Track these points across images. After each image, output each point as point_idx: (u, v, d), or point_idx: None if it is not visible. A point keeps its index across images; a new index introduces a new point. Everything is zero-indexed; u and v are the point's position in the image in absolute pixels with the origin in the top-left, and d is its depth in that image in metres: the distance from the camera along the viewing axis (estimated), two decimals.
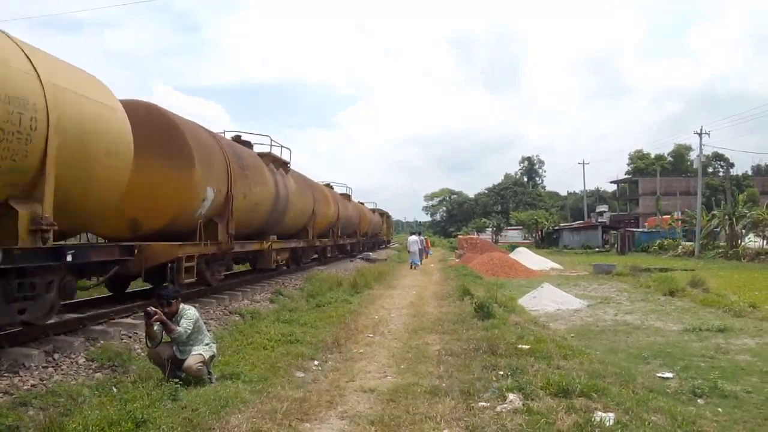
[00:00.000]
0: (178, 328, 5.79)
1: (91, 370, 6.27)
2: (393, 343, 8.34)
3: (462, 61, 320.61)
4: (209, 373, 5.95)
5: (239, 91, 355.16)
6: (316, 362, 7.12)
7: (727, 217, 36.85)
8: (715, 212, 39.21)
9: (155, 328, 5.76)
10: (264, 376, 6.12)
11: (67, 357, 6.48)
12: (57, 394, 5.31)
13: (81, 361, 6.46)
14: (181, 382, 5.46)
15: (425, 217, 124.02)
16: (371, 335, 8.99)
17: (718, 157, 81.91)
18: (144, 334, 6.08)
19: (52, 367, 6.15)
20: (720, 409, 5.77)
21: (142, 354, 6.81)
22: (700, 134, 40.11)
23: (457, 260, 31.86)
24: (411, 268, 25.16)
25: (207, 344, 6.02)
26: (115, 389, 5.62)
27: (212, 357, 6.07)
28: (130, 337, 7.75)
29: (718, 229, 39.62)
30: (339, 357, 7.47)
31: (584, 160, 68.84)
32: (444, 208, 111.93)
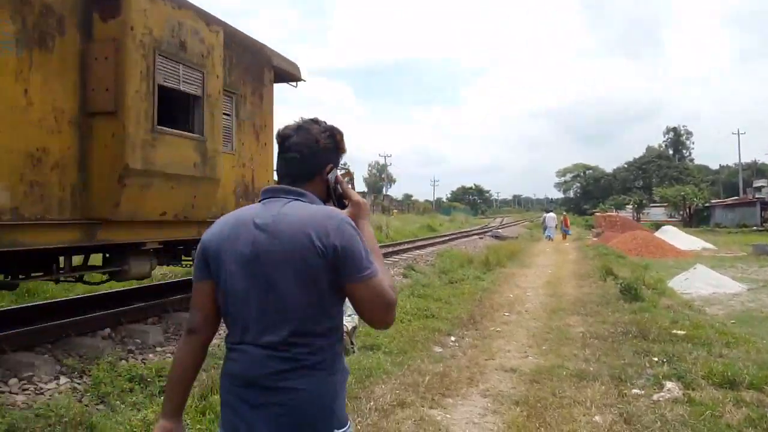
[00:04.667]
0: None
1: None
2: (531, 323, 8.09)
3: (595, 24, 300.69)
4: (352, 343, 6.14)
5: (363, 72, 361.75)
6: (452, 338, 7.09)
7: None
8: None
9: None
10: (403, 349, 6.22)
11: None
12: None
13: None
14: None
15: (557, 194, 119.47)
16: (507, 314, 8.79)
17: None
18: None
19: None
20: None
21: None
22: None
23: (594, 239, 30.28)
24: (551, 240, 28.94)
25: (350, 315, 6.19)
26: None
27: (354, 328, 6.25)
28: None
29: None
30: (476, 334, 7.38)
31: (738, 129, 61.49)
32: (578, 184, 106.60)
